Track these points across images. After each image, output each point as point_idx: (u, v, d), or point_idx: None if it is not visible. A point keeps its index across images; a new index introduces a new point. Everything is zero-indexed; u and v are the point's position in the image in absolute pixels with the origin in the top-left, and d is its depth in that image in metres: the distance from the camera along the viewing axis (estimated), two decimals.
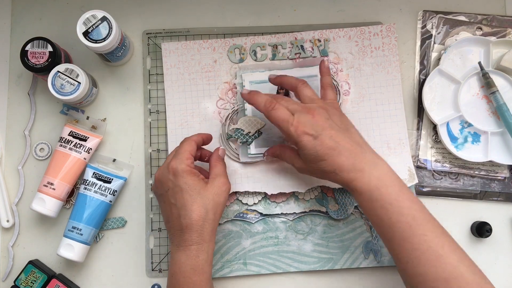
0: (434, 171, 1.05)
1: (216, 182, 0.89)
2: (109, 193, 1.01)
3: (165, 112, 1.05)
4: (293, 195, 1.03)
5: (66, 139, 1.01)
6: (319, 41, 1.06)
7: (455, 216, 1.04)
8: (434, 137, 1.05)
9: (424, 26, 1.09)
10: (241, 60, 1.06)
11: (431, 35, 1.08)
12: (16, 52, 1.05)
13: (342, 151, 0.85)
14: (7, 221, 1.03)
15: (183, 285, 0.85)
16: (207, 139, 0.96)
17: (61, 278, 1.00)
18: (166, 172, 0.88)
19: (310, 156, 0.87)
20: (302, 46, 1.06)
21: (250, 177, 1.03)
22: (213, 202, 0.87)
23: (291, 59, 1.06)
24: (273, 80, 0.98)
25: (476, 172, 1.05)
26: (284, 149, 0.96)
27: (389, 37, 1.06)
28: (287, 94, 1.03)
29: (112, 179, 1.02)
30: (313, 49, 1.06)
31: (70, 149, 1.00)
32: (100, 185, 1.01)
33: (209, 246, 0.86)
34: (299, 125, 0.86)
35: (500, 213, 1.05)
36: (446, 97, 1.05)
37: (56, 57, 0.99)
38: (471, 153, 1.03)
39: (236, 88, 1.05)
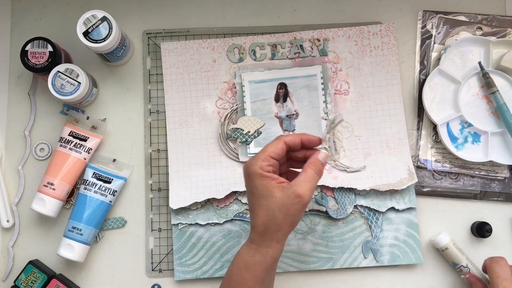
0: (434, 171, 1.05)
1: (290, 191, 0.80)
2: (109, 193, 1.01)
3: (165, 112, 1.05)
4: None
5: (66, 139, 1.01)
6: (318, 40, 1.06)
7: (455, 216, 1.04)
8: (434, 137, 1.05)
9: (424, 26, 1.09)
10: (240, 60, 1.06)
11: (431, 35, 1.08)
12: (16, 52, 1.05)
13: None
14: (7, 221, 1.03)
15: (234, 275, 0.83)
16: (310, 141, 0.87)
17: (61, 278, 1.00)
18: (244, 170, 0.84)
19: None
20: (301, 46, 1.06)
21: None
22: (279, 212, 0.80)
23: (290, 58, 1.06)
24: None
25: (476, 172, 1.04)
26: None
27: (388, 36, 1.06)
28: (286, 94, 1.03)
29: (112, 179, 1.02)
30: (312, 48, 1.06)
31: (70, 149, 1.00)
32: (100, 185, 1.01)
33: (268, 251, 0.82)
34: None
35: (500, 213, 1.05)
36: (446, 97, 1.05)
37: (56, 57, 0.99)
38: (471, 153, 1.03)
39: (235, 87, 1.05)
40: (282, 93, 1.04)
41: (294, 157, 0.89)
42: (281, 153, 0.84)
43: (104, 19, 0.96)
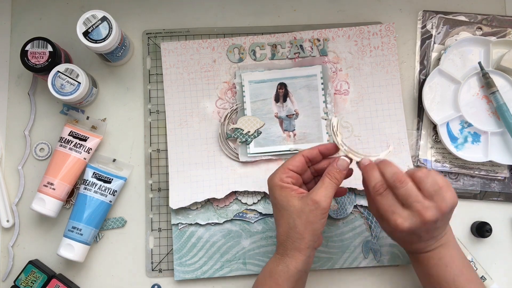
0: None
1: (308, 199, 0.82)
2: (109, 193, 1.01)
3: (165, 112, 1.05)
4: None
5: (66, 139, 1.01)
6: (318, 40, 1.06)
7: (455, 216, 1.02)
8: (434, 137, 1.05)
9: (424, 26, 1.09)
10: (240, 60, 1.06)
11: (431, 35, 1.08)
12: (16, 52, 1.05)
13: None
14: (7, 221, 1.03)
15: (260, 284, 0.87)
16: (327, 149, 0.89)
17: (61, 278, 1.00)
18: (267, 184, 0.87)
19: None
20: (301, 46, 1.06)
21: (250, 176, 1.03)
22: (299, 220, 0.82)
23: (290, 58, 1.06)
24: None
25: (476, 172, 1.04)
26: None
27: (388, 36, 1.06)
28: (286, 94, 1.03)
29: (112, 179, 1.02)
30: (312, 48, 1.06)
31: (70, 149, 1.00)
32: (100, 185, 1.01)
33: (290, 261, 0.84)
34: (403, 226, 0.81)
35: (500, 213, 1.05)
36: (446, 97, 1.05)
37: (56, 57, 0.99)
38: (471, 153, 1.03)
39: (235, 87, 1.05)
40: (282, 93, 1.04)
41: (320, 170, 0.91)
42: (299, 165, 0.87)
43: (104, 19, 0.96)
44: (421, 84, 1.06)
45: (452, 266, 0.85)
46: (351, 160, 0.86)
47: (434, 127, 1.05)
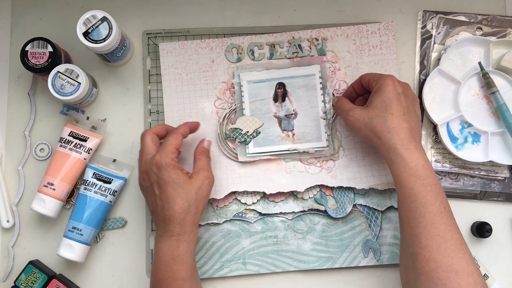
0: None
1: (200, 176, 0.91)
2: (109, 194, 1.01)
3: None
4: (292, 194, 1.03)
5: (66, 139, 1.01)
6: (317, 40, 1.06)
7: (455, 216, 1.03)
8: (434, 137, 1.05)
9: (424, 26, 1.08)
10: (239, 60, 1.06)
11: (431, 35, 1.08)
12: (16, 52, 1.05)
13: (410, 120, 0.91)
14: (7, 221, 1.03)
15: (163, 273, 0.88)
16: (194, 127, 0.98)
17: (61, 279, 1.00)
18: (151, 165, 0.90)
19: (382, 102, 0.91)
20: (299, 45, 1.06)
21: (249, 176, 1.03)
22: (196, 196, 0.89)
23: (288, 58, 1.06)
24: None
25: (476, 172, 1.04)
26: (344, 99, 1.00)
27: (387, 35, 1.06)
28: (284, 94, 1.03)
29: (112, 179, 1.02)
30: (310, 48, 1.06)
31: (70, 149, 1.01)
32: (100, 185, 1.01)
33: (190, 237, 0.89)
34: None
35: (500, 213, 1.04)
36: (446, 97, 1.05)
37: (56, 57, 0.99)
38: (471, 153, 1.03)
39: (234, 87, 1.05)
40: (281, 93, 1.04)
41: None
42: (180, 144, 0.94)
43: (104, 19, 0.96)
44: (421, 84, 1.06)
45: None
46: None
47: (434, 127, 1.05)
